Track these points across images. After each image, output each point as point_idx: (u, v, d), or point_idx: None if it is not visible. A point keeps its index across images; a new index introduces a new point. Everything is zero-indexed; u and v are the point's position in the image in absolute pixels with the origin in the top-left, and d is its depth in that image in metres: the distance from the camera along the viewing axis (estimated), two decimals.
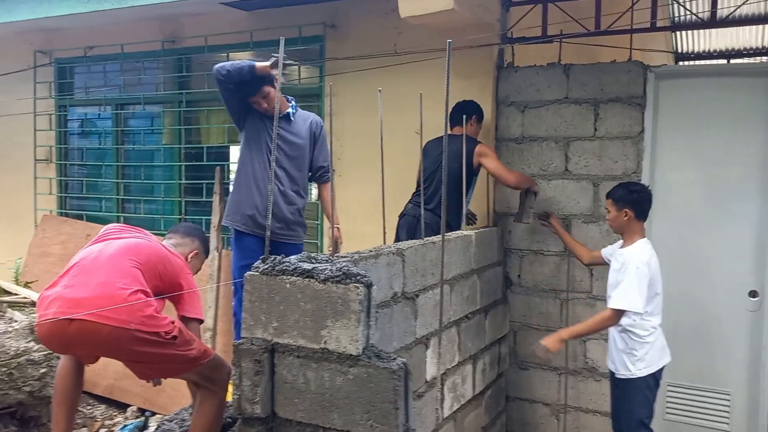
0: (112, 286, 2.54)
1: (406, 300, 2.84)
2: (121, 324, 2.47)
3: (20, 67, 6.16)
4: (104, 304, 2.47)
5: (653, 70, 4.05)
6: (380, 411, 2.07)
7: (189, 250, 3.12)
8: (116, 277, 2.58)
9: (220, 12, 5.03)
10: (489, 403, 4.05)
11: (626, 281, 3.32)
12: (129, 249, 2.74)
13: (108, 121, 6.13)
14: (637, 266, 3.32)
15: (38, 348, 4.20)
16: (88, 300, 2.50)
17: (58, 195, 6.30)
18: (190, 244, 3.15)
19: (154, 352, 2.55)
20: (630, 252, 3.42)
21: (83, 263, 2.69)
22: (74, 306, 2.51)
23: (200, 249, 3.19)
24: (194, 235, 3.21)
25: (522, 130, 4.34)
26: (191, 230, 3.24)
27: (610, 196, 3.51)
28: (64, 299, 2.55)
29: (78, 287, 2.57)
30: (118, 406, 5.16)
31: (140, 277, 2.64)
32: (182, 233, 3.19)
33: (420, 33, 4.26)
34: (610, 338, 3.57)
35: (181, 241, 3.13)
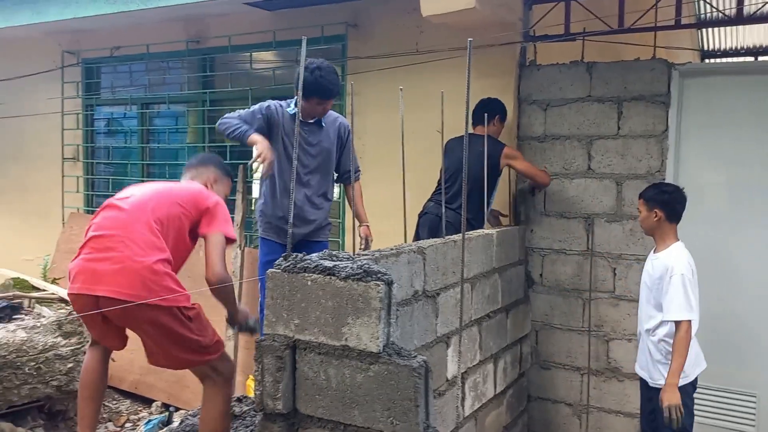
0: (133, 259, 2.57)
1: (426, 298, 2.85)
2: (141, 299, 2.51)
3: (49, 67, 6.28)
4: (125, 279, 2.52)
5: (677, 67, 4.00)
6: (401, 408, 2.08)
7: (205, 178, 3.08)
8: (137, 246, 2.59)
9: (244, 12, 5.07)
10: (510, 403, 4.04)
11: (675, 291, 3.20)
12: (148, 208, 2.72)
13: (133, 120, 6.23)
14: (682, 273, 3.22)
15: (65, 343, 4.29)
16: (110, 273, 2.56)
17: (84, 193, 6.41)
18: (206, 171, 3.10)
19: (169, 327, 2.57)
20: (668, 257, 3.31)
21: (104, 229, 2.70)
22: (96, 282, 2.57)
23: (218, 174, 3.14)
24: (208, 162, 3.15)
25: (544, 129, 4.31)
26: (204, 158, 3.19)
27: (641, 196, 3.45)
28: (88, 273, 2.61)
29: (100, 260, 2.62)
30: (143, 401, 5.25)
31: (160, 243, 2.63)
32: (196, 165, 3.15)
33: (442, 32, 4.26)
34: (643, 348, 3.46)
35: (197, 173, 3.10)
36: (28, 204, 6.76)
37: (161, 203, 2.76)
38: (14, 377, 4.02)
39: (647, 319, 3.42)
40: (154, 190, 2.84)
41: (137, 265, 2.55)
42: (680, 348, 3.18)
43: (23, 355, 4.05)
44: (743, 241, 3.95)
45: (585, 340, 4.25)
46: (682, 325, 3.19)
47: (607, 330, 4.21)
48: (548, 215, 4.32)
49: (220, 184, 3.13)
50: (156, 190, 2.85)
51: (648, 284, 3.44)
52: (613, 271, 4.16)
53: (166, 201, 2.77)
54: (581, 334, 4.26)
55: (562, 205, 4.27)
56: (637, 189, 4.04)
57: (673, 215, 3.37)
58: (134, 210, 2.71)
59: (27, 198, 6.77)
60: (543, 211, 4.33)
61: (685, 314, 3.19)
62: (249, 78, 5.47)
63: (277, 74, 5.33)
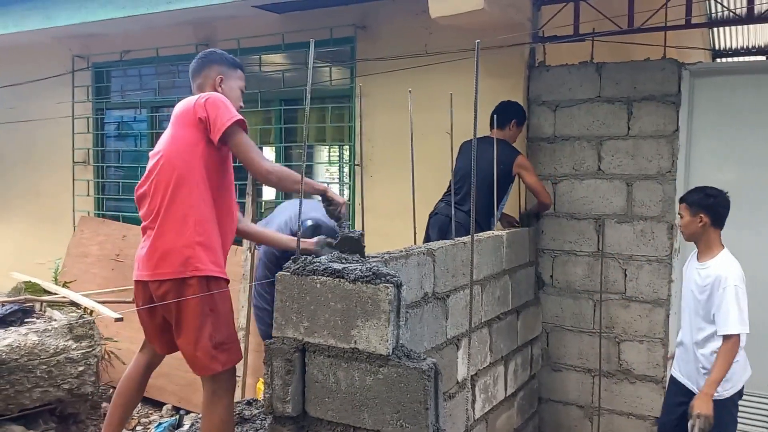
0: (163, 240, 2.58)
1: (436, 300, 2.84)
2: (177, 275, 2.54)
3: (59, 71, 6.31)
4: (159, 261, 2.56)
5: (688, 67, 3.97)
6: (410, 411, 2.07)
7: (211, 80, 2.84)
8: (167, 226, 2.59)
9: (253, 15, 5.09)
10: (521, 405, 4.02)
11: (729, 304, 3.06)
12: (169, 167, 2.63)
13: (143, 124, 6.26)
14: (735, 284, 3.09)
15: (76, 347, 4.31)
16: (145, 258, 2.62)
17: (95, 197, 6.44)
18: (210, 72, 2.84)
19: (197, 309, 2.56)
20: (719, 266, 3.16)
21: (142, 212, 2.71)
22: (139, 266, 2.66)
23: (223, 69, 2.86)
24: (209, 61, 2.87)
25: (554, 130, 4.30)
26: (203, 60, 2.88)
27: (684, 201, 3.28)
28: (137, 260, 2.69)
29: (141, 246, 2.68)
30: (153, 404, 5.26)
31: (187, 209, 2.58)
32: (197, 69, 2.88)
33: (450, 33, 4.25)
34: (689, 358, 3.31)
35: (202, 79, 2.85)
36: (39, 208, 6.81)
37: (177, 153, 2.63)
38: (26, 380, 4.03)
39: (697, 330, 3.25)
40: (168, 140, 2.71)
41: (165, 246, 2.57)
42: (725, 360, 3.04)
43: (35, 359, 4.07)
44: (756, 242, 3.91)
45: (596, 342, 4.22)
46: (733, 338, 3.05)
47: (618, 331, 4.18)
48: (558, 216, 4.30)
49: (229, 79, 2.86)
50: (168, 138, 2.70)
51: (697, 295, 3.25)
52: (623, 272, 4.14)
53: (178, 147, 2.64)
54: (592, 336, 4.23)
55: (572, 206, 4.25)
56: (648, 189, 4.04)
57: (718, 221, 3.22)
58: (155, 175, 2.65)
59: (38, 202, 6.82)
60: (553, 212, 4.31)
61: (738, 328, 3.05)
62: (258, 81, 5.48)
63: (286, 77, 5.33)
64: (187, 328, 2.59)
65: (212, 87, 2.83)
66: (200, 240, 2.58)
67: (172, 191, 2.59)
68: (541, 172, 4.33)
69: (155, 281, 2.58)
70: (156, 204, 2.62)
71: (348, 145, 5.11)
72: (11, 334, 4.08)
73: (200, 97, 2.66)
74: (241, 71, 2.97)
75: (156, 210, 2.61)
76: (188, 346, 2.62)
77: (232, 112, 2.63)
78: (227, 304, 2.70)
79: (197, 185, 2.61)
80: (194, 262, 2.56)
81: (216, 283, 2.62)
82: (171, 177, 2.60)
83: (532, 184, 4.06)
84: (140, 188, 2.72)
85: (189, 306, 2.55)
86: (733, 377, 3.14)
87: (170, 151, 2.65)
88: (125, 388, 2.82)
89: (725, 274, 3.11)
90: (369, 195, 4.51)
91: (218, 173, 2.70)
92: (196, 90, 2.86)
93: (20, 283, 5.17)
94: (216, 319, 2.61)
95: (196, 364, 2.65)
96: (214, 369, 2.63)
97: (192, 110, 2.63)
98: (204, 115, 2.59)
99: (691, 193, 3.28)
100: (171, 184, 2.59)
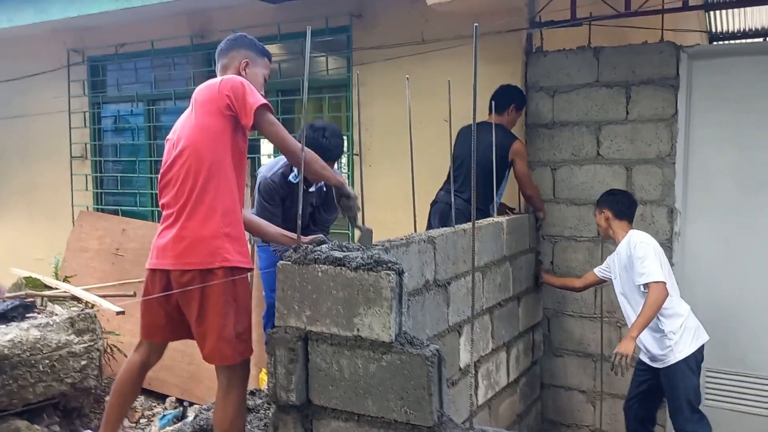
0: (189, 229, 2.54)
1: (437, 287, 2.84)
2: (204, 266, 2.51)
3: (54, 65, 6.29)
4: (185, 250, 2.52)
5: (686, 50, 3.96)
6: (414, 397, 2.07)
7: (237, 63, 2.80)
8: (191, 214, 2.55)
9: (248, 5, 5.06)
10: (524, 391, 4.03)
11: (639, 257, 3.42)
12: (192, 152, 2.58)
13: (140, 117, 6.24)
14: (640, 240, 3.47)
15: (78, 341, 4.31)
16: (169, 247, 2.56)
17: (93, 191, 6.43)
18: (237, 56, 2.81)
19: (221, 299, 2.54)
20: (625, 240, 3.55)
21: (164, 198, 2.66)
22: (160, 254, 2.59)
23: (251, 54, 2.84)
24: (238, 45, 2.84)
25: (552, 115, 4.28)
26: (233, 41, 2.85)
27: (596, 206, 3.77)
28: (156, 248, 2.62)
29: (162, 234, 2.62)
30: (156, 397, 5.28)
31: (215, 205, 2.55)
32: (225, 51, 2.84)
33: (447, 20, 4.23)
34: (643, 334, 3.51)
35: (228, 60, 2.82)
36: (37, 203, 6.80)
37: (204, 143, 2.59)
38: (29, 375, 4.04)
39: (639, 307, 3.47)
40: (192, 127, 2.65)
41: (193, 235, 2.53)
42: (649, 307, 3.34)
43: (37, 353, 4.07)
44: (755, 224, 3.91)
45: (597, 327, 4.23)
46: (653, 286, 3.35)
47: (619, 316, 4.16)
48: (558, 202, 4.30)
49: (255, 65, 2.84)
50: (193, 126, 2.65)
51: (624, 276, 3.58)
52: None
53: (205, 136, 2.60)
54: (593, 321, 4.24)
55: (571, 192, 4.24)
56: (647, 174, 4.04)
57: (620, 213, 3.63)
58: (182, 162, 2.60)
59: (36, 197, 6.80)
60: (553, 198, 4.30)
61: (655, 276, 3.35)
62: None
63: (282, 67, 5.31)
64: (212, 318, 2.57)
65: (236, 70, 2.80)
66: (228, 231, 2.57)
67: (203, 182, 2.56)
68: (540, 158, 4.32)
69: (179, 270, 2.56)
70: (184, 193, 2.58)
71: (346, 135, 5.10)
72: (13, 329, 4.08)
73: (223, 82, 2.61)
74: (268, 60, 2.94)
75: (185, 199, 2.58)
76: (211, 336, 2.59)
77: (258, 96, 2.60)
78: (248, 294, 2.70)
79: (225, 175, 2.59)
80: (223, 252, 2.54)
81: (239, 273, 2.62)
82: (201, 167, 2.57)
83: (521, 173, 4.04)
84: (165, 176, 2.68)
85: (214, 295, 2.54)
86: (681, 340, 3.45)
87: (197, 141, 2.60)
88: (121, 387, 2.81)
89: (630, 239, 3.52)
90: (368, 185, 4.47)
91: (240, 163, 2.70)
92: (221, 70, 2.83)
93: (21, 278, 5.17)
94: (238, 309, 2.61)
95: (216, 354, 2.62)
96: (234, 359, 2.62)
97: (216, 97, 2.59)
98: (229, 102, 2.57)
99: (600, 196, 3.78)
100: (201, 175, 2.56)
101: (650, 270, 3.37)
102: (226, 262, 2.54)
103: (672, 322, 3.47)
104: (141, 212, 6.14)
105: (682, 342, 3.46)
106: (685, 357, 3.45)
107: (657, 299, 3.34)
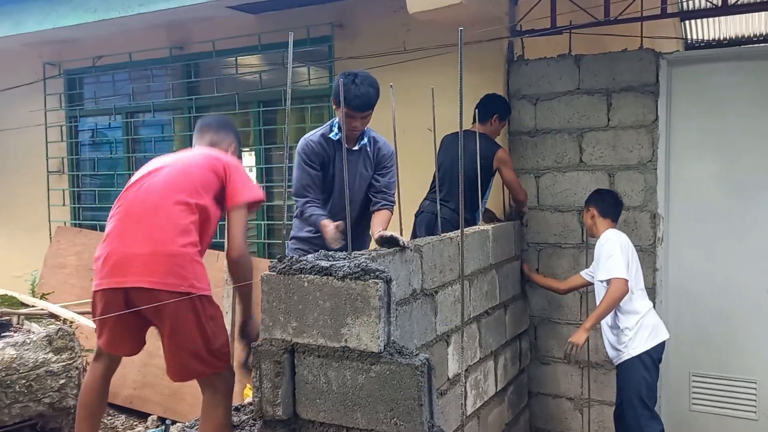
0: (162, 244, 2.48)
1: (425, 297, 2.81)
2: (169, 287, 2.44)
3: (30, 79, 6.18)
4: (154, 267, 2.44)
5: (665, 57, 3.99)
6: (404, 408, 2.03)
7: (226, 145, 2.95)
8: (164, 230, 2.50)
9: (227, 16, 5.02)
10: (512, 399, 4.00)
11: (602, 255, 3.55)
12: (173, 186, 2.60)
13: (118, 131, 6.15)
14: (608, 238, 3.57)
15: (56, 359, 4.20)
16: (138, 263, 2.47)
17: (71, 206, 6.32)
18: (227, 138, 2.97)
19: (190, 320, 2.48)
20: (599, 239, 3.66)
21: (132, 210, 2.61)
22: (125, 271, 2.48)
23: (236, 141, 3.03)
24: (228, 129, 3.03)
25: (535, 123, 4.29)
26: (224, 123, 3.05)
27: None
28: (116, 264, 2.52)
29: (128, 240, 2.54)
30: (138, 415, 5.17)
31: (188, 225, 2.53)
32: (215, 127, 2.99)
33: (429, 29, 4.22)
34: (602, 328, 3.71)
35: (218, 138, 2.95)
36: (14, 219, 6.66)
37: (186, 178, 2.63)
38: (4, 396, 3.92)
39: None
40: (175, 165, 2.71)
41: (166, 251, 2.47)
42: (605, 302, 3.48)
43: (13, 373, 3.96)
44: (737, 228, 3.94)
45: None
46: (614, 282, 3.46)
47: None
48: (543, 209, 4.30)
49: (236, 152, 3.03)
50: (177, 164, 2.71)
51: (595, 275, 3.69)
52: None
53: (190, 174, 2.64)
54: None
55: (555, 199, 4.25)
56: (630, 180, 4.06)
57: (605, 211, 3.71)
58: (159, 189, 2.61)
59: (13, 213, 6.67)
60: (537, 205, 4.30)
61: (615, 273, 3.46)
62: (235, 83, 5.42)
63: (263, 78, 5.27)
64: (185, 339, 2.54)
65: (225, 151, 2.92)
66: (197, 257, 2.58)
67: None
68: (524, 166, 4.32)
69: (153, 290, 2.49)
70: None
71: None
72: None
73: (228, 165, 2.72)
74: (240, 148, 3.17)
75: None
76: (183, 353, 2.56)
77: (254, 191, 2.75)
78: (218, 309, 2.67)
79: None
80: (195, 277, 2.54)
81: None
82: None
83: (509, 180, 4.06)
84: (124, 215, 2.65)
85: (189, 317, 2.50)
86: (636, 336, 3.54)
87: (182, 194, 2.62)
88: (87, 400, 2.74)
89: (601, 237, 3.63)
90: None
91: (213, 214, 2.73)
92: (206, 143, 2.93)
93: None
94: (215, 324, 2.59)
95: (187, 371, 2.60)
96: (204, 374, 2.60)
97: (214, 172, 2.69)
98: (224, 183, 2.69)
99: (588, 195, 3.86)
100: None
101: (612, 267, 3.47)
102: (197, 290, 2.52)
103: (629, 318, 3.56)
104: None
105: (637, 338, 3.54)
106: (640, 353, 3.53)
107: (614, 294, 3.44)
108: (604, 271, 3.53)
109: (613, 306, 3.49)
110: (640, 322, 3.56)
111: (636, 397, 3.54)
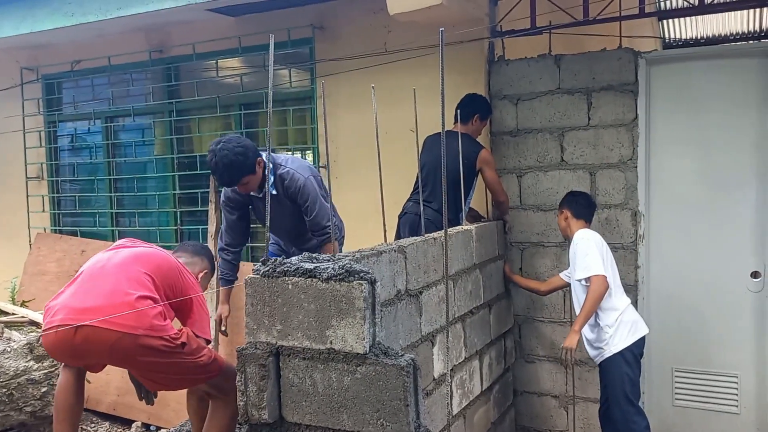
0: (119, 293, 2.48)
1: (410, 297, 2.81)
2: (128, 330, 2.41)
3: (7, 84, 6.10)
4: (111, 312, 2.41)
5: (644, 56, 4.04)
6: (390, 409, 2.03)
7: (199, 269, 3.07)
8: (124, 283, 2.51)
9: (207, 19, 4.99)
10: (497, 398, 4.02)
11: (578, 254, 3.58)
12: (139, 257, 2.67)
13: (98, 135, 6.08)
14: (582, 237, 3.61)
15: (38, 367, 4.15)
16: (94, 308, 2.44)
17: (51, 212, 6.24)
18: (200, 263, 3.10)
19: (164, 361, 2.49)
20: (573, 240, 3.68)
21: (90, 271, 2.63)
22: (80, 314, 2.45)
23: (209, 268, 3.16)
24: (203, 254, 3.17)
25: (516, 123, 4.32)
26: (200, 249, 3.20)
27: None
28: (70, 308, 2.49)
29: (84, 295, 2.52)
30: (122, 422, 5.11)
31: (149, 284, 2.57)
32: (191, 252, 3.13)
33: (410, 30, 4.23)
34: (587, 332, 3.70)
35: (191, 260, 3.07)
36: None
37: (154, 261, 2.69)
38: None
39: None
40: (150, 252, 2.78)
41: (126, 298, 2.47)
42: (589, 302, 3.50)
43: None
44: (715, 222, 4.00)
45: (567, 332, 4.22)
46: (594, 279, 3.49)
47: None
48: (525, 209, 4.32)
49: (206, 279, 3.15)
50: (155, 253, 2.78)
51: (572, 275, 3.72)
52: None
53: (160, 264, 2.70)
54: (563, 326, 4.25)
55: (537, 198, 4.27)
56: (611, 178, 4.09)
57: (579, 213, 3.75)
58: (126, 255, 2.68)
59: None
60: (520, 204, 4.33)
61: (594, 270, 3.49)
62: (215, 86, 5.38)
63: (244, 81, 5.25)
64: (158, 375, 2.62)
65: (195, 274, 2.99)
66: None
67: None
68: (506, 166, 4.34)
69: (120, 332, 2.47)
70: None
71: (311, 148, 5.06)
72: None
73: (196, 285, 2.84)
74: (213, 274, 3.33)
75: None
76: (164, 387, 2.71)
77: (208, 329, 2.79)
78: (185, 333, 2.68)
79: None
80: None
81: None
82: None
83: (491, 181, 4.06)
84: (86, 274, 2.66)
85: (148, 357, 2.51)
86: (616, 333, 3.57)
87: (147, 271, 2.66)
88: (62, 402, 2.71)
89: (575, 237, 3.65)
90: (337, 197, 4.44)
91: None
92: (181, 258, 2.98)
93: None
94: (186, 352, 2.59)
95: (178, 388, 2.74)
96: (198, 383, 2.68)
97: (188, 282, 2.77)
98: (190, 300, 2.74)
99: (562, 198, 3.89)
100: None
101: (590, 264, 3.51)
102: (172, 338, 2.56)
103: (608, 315, 3.60)
104: (101, 233, 5.98)
105: (617, 335, 3.58)
106: (621, 350, 3.56)
107: (596, 291, 3.48)
108: (582, 269, 3.55)
109: (598, 303, 3.52)
110: (620, 319, 3.59)
111: (621, 394, 3.57)
